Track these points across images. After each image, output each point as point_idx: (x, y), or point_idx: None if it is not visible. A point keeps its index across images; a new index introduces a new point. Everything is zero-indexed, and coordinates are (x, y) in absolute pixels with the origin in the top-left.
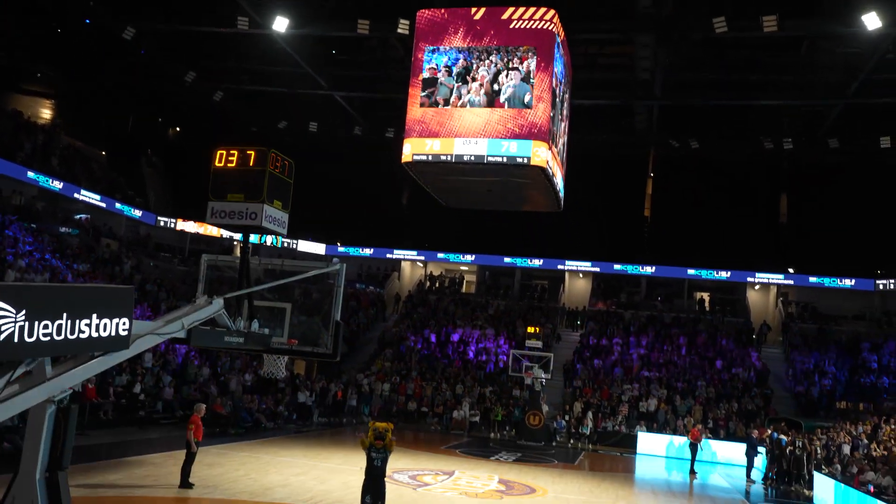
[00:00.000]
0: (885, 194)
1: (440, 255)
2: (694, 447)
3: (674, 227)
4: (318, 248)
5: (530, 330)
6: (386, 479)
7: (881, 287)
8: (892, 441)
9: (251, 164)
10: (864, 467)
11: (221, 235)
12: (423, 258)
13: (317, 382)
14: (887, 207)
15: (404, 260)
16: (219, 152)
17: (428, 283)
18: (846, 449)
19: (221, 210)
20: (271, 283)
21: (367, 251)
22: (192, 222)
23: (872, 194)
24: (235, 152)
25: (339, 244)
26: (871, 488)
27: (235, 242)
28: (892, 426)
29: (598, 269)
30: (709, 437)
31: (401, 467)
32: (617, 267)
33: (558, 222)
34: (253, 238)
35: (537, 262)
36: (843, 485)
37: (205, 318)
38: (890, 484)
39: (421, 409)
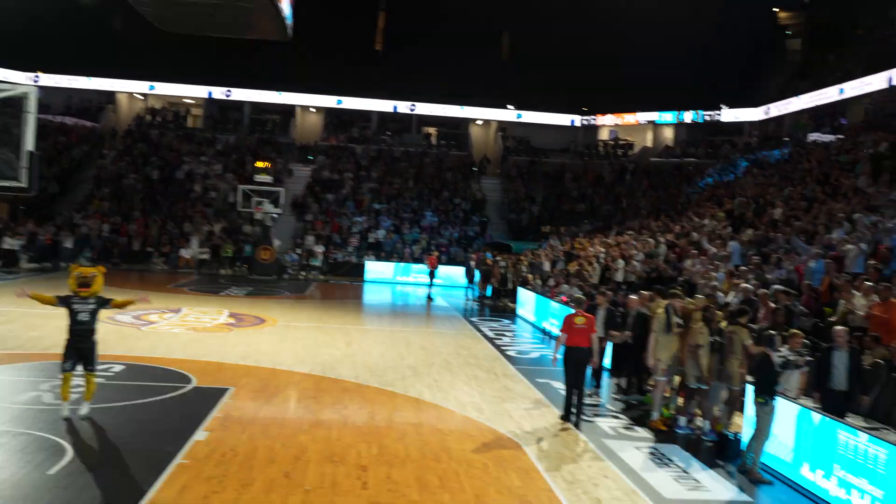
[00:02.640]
0: (593, 37)
1: (162, 87)
2: (432, 274)
3: (405, 63)
4: (16, 76)
5: (260, 165)
6: (106, 321)
7: (584, 123)
8: (584, 258)
9: None
10: (560, 281)
11: None
12: (142, 89)
13: (22, 226)
14: (592, 50)
15: (120, 92)
16: None
17: (149, 117)
18: (547, 266)
19: None
20: None
21: (77, 81)
22: None
23: (583, 36)
24: None
25: (40, 72)
26: (563, 297)
27: None
28: (587, 245)
29: (330, 104)
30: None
31: None
32: (349, 101)
33: (289, 54)
34: None
35: (268, 96)
36: (541, 296)
37: None
38: (578, 293)
39: (146, 249)
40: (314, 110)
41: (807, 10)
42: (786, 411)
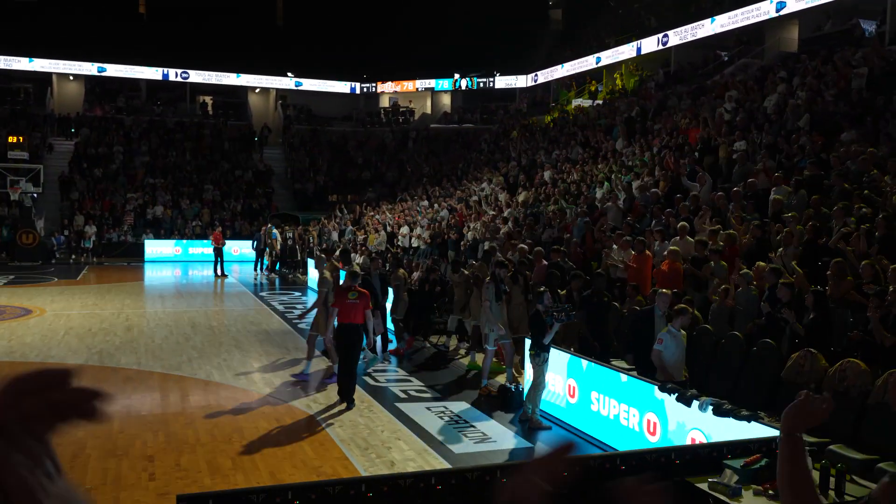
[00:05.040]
0: (368, 2)
1: None
2: (218, 251)
3: (174, 27)
4: None
5: (13, 140)
6: None
7: (364, 90)
8: (370, 224)
9: None
10: (349, 250)
11: None
12: None
13: None
14: (370, 16)
15: None
16: None
17: None
18: (335, 235)
19: None
20: None
21: None
22: None
23: (359, 2)
24: None
25: None
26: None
27: None
28: (371, 212)
29: (91, 72)
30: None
31: None
32: (113, 69)
33: (40, 15)
34: None
35: (17, 62)
36: None
37: None
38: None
39: None
40: (73, 78)
41: None
42: (558, 361)
